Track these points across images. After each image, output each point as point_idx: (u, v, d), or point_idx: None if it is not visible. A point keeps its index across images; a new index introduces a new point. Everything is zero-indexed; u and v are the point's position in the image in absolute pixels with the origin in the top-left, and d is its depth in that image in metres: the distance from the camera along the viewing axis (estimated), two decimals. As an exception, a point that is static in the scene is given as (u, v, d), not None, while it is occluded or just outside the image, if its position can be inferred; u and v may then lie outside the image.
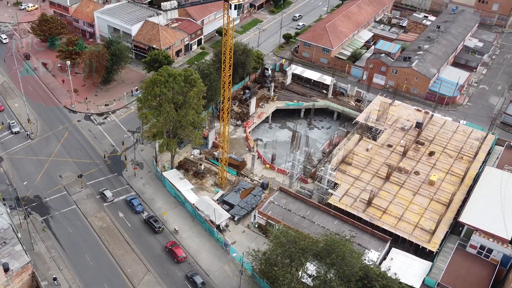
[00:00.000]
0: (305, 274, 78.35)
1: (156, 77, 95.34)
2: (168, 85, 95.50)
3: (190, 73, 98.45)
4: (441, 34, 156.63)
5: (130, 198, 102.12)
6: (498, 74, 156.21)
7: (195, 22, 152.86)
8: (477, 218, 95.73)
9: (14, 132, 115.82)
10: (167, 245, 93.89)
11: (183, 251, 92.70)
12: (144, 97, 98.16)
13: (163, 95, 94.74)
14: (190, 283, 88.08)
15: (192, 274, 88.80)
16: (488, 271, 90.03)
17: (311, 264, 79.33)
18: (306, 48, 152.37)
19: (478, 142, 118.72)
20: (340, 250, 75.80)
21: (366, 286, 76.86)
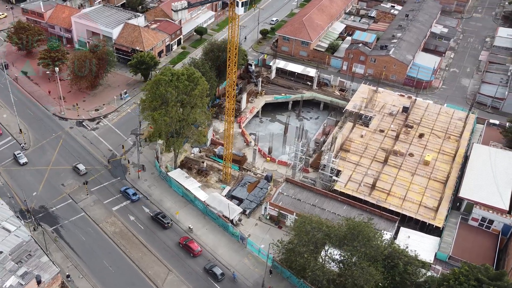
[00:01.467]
0: (329, 260, 79.66)
1: (160, 77, 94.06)
2: (172, 84, 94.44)
3: (193, 71, 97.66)
4: (411, 22, 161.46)
5: (124, 188, 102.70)
6: (465, 57, 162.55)
7: (174, 22, 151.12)
8: (475, 192, 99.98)
9: (22, 164, 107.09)
10: (181, 241, 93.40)
11: (198, 245, 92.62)
12: (148, 98, 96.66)
13: (168, 95, 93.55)
14: (210, 275, 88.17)
15: (210, 266, 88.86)
16: (492, 241, 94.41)
17: (333, 249, 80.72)
18: (285, 42, 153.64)
19: (461, 122, 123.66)
20: (365, 232, 77.61)
21: (389, 265, 79.05)
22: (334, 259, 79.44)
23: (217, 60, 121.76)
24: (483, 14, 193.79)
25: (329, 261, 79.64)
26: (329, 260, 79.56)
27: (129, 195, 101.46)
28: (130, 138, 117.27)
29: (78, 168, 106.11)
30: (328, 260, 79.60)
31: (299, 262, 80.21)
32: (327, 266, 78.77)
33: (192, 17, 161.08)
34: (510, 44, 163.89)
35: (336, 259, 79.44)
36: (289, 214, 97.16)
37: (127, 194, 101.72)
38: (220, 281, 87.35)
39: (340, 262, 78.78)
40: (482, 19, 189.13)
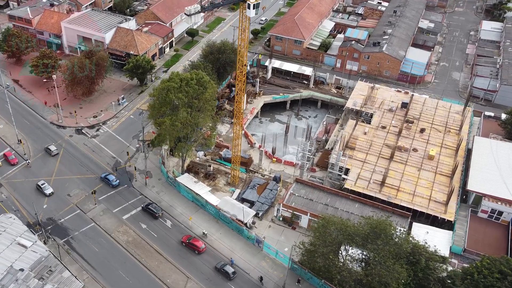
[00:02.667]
0: (351, 260, 79.03)
1: (169, 84, 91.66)
2: (181, 90, 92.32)
3: (202, 75, 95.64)
4: (399, 18, 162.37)
5: (105, 174, 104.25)
6: (453, 51, 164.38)
7: (165, 24, 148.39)
8: (482, 185, 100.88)
9: (48, 194, 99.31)
10: (184, 240, 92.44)
11: (202, 242, 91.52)
12: (158, 104, 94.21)
13: (179, 101, 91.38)
14: (222, 274, 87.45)
15: (222, 265, 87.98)
16: (502, 231, 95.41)
17: (354, 248, 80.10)
18: (278, 41, 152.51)
19: (459, 115, 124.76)
20: (387, 230, 77.27)
21: (411, 261, 78.82)
22: (358, 258, 78.84)
23: (217, 62, 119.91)
24: (464, 8, 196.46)
25: (351, 261, 79.06)
26: (352, 260, 78.96)
27: (109, 181, 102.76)
28: (133, 144, 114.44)
29: (49, 149, 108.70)
30: (350, 260, 78.98)
31: (323, 263, 79.40)
32: (350, 266, 78.19)
33: (182, 19, 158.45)
34: (495, 37, 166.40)
35: (360, 258, 78.89)
36: (302, 215, 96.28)
37: (107, 180, 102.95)
38: (233, 280, 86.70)
39: (364, 262, 78.15)
40: (464, 13, 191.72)
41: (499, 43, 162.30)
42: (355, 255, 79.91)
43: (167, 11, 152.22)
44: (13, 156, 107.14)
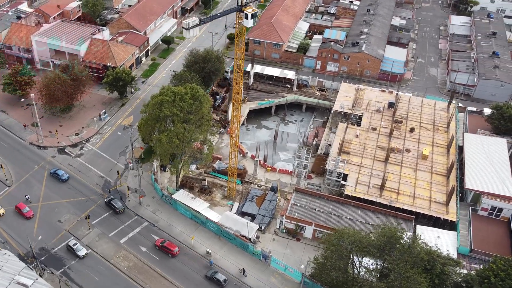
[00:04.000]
0: (364, 270, 76.27)
1: (163, 98, 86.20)
2: (176, 104, 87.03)
3: (196, 89, 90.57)
4: (373, 16, 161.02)
5: (54, 170, 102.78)
6: (426, 47, 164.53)
7: (140, 33, 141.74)
8: (480, 182, 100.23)
9: (82, 256, 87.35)
10: (157, 243, 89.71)
11: (175, 245, 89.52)
12: (151, 121, 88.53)
13: (174, 116, 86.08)
14: (213, 282, 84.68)
15: (212, 273, 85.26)
16: (504, 228, 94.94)
17: (368, 259, 77.39)
18: (257, 45, 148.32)
19: (444, 112, 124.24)
20: (403, 239, 74.79)
21: (426, 268, 76.68)
22: (373, 269, 76.00)
23: (202, 71, 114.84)
24: (431, 3, 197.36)
25: (366, 272, 76.27)
26: (366, 271, 76.15)
27: (59, 176, 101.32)
28: (120, 162, 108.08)
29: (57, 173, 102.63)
30: (365, 272, 76.17)
31: (338, 277, 76.28)
32: (367, 278, 75.43)
33: (156, 26, 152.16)
34: (465, 31, 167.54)
35: (374, 269, 76.08)
36: (307, 226, 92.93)
37: (56, 175, 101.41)
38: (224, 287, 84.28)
39: (379, 272, 75.47)
40: (431, 8, 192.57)
41: (470, 37, 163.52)
42: (368, 266, 77.27)
43: (140, 19, 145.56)
44: (27, 208, 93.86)
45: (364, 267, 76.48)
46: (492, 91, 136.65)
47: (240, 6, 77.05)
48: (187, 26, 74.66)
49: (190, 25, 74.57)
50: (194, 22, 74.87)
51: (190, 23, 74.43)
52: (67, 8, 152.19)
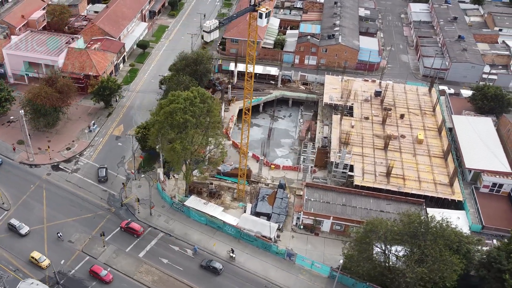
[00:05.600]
0: (399, 259, 76.15)
1: (175, 106, 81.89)
2: (187, 110, 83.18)
3: (203, 92, 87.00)
4: (342, 8, 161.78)
5: None
6: (393, 35, 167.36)
7: (115, 39, 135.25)
8: (478, 161, 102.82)
9: None
10: (122, 225, 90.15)
11: (140, 225, 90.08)
12: (163, 129, 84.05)
13: (188, 123, 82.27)
14: (209, 270, 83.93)
15: (207, 262, 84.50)
16: (507, 202, 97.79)
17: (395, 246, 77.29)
18: (234, 44, 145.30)
19: (427, 97, 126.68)
20: (434, 225, 75.08)
21: (453, 249, 77.22)
22: (410, 256, 74.93)
23: (194, 73, 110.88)
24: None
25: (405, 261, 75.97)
26: (406, 259, 75.34)
27: None
28: (120, 173, 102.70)
29: None
30: (404, 260, 75.55)
31: (375, 267, 75.84)
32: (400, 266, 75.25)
33: (129, 31, 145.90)
34: (426, 17, 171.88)
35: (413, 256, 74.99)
36: (324, 220, 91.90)
37: None
38: (221, 274, 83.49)
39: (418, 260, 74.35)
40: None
41: (432, 23, 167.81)
42: (397, 253, 77.21)
43: (113, 25, 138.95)
44: (105, 272, 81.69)
45: (401, 255, 76.06)
46: (463, 73, 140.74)
47: (253, 5, 74.38)
48: (208, 29, 71.23)
49: (211, 28, 71.23)
50: (214, 24, 71.52)
51: (211, 26, 71.08)
52: (32, 18, 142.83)
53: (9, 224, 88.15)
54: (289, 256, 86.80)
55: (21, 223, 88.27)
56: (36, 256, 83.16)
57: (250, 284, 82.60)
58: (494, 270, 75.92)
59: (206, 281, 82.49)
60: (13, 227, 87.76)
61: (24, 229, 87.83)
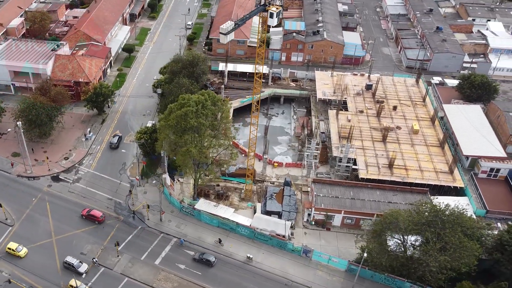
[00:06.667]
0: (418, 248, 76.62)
1: (188, 109, 79.74)
2: (199, 113, 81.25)
3: (213, 94, 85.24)
4: (322, 5, 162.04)
5: None
6: (371, 28, 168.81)
7: (100, 44, 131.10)
8: (474, 148, 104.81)
9: None
10: (83, 213, 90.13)
11: (100, 211, 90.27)
12: (177, 133, 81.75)
13: (201, 126, 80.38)
14: (203, 263, 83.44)
15: (200, 255, 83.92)
16: (505, 186, 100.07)
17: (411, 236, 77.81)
18: (220, 44, 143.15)
19: (415, 88, 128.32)
20: (455, 216, 75.73)
21: (467, 235, 78.24)
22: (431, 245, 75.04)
23: (192, 75, 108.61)
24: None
25: (415, 249, 76.71)
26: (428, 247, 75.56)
27: None
28: (124, 180, 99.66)
29: None
30: (424, 250, 75.89)
31: (395, 258, 76.25)
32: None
33: (112, 35, 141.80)
34: (401, 10, 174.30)
35: (434, 244, 75.12)
36: (335, 214, 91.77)
37: None
38: (214, 266, 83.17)
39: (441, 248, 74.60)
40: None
41: (408, 16, 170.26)
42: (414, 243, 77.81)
43: (98, 30, 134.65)
44: None
45: (417, 245, 76.50)
46: (445, 63, 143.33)
47: (263, 5, 73.13)
48: (225, 32, 69.50)
49: (229, 29, 69.54)
50: (230, 26, 69.86)
51: (228, 28, 69.39)
52: (11, 26, 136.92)
53: (65, 262, 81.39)
54: (306, 253, 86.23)
55: (78, 261, 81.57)
56: (12, 247, 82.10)
57: (270, 284, 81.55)
58: (508, 253, 77.53)
59: (225, 284, 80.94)
60: (70, 265, 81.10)
61: (83, 267, 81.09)
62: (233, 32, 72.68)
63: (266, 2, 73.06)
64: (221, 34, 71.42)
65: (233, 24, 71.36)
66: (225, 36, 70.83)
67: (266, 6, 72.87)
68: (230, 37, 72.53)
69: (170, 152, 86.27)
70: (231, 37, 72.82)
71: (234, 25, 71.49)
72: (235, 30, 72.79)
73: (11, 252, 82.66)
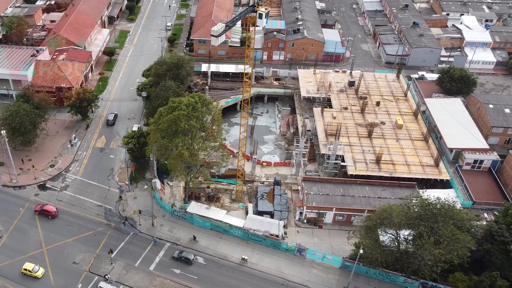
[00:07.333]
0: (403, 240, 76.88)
1: (179, 113, 77.91)
2: (190, 116, 79.54)
3: (203, 97, 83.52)
4: (300, 3, 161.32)
5: None
6: (349, 25, 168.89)
7: (80, 48, 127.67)
8: (458, 141, 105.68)
9: None
10: (36, 209, 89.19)
11: (53, 206, 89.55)
12: (167, 137, 79.80)
13: (192, 128, 78.71)
14: (182, 261, 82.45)
15: (178, 253, 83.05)
16: (488, 177, 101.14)
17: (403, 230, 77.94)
18: (202, 45, 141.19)
19: (397, 83, 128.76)
20: (446, 209, 75.95)
21: (457, 226, 78.53)
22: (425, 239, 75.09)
23: (177, 78, 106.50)
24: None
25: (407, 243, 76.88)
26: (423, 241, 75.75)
27: None
28: (112, 186, 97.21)
29: None
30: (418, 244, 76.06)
31: (390, 253, 76.20)
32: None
33: (92, 39, 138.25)
34: (378, 6, 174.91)
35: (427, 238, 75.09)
36: (327, 212, 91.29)
37: None
38: (193, 264, 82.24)
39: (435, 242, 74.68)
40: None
41: (384, 12, 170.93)
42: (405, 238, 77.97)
43: (77, 34, 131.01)
44: None
45: (410, 239, 76.56)
46: (423, 58, 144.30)
47: (252, 6, 71.78)
48: (216, 34, 67.90)
49: (220, 31, 67.94)
50: (221, 28, 68.29)
51: (219, 30, 67.80)
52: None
53: None
54: (300, 252, 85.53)
55: None
56: (29, 267, 78.45)
57: (266, 285, 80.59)
58: (498, 243, 78.17)
59: (221, 287, 79.63)
60: None
61: None
62: (224, 35, 71.13)
63: (254, 3, 71.60)
64: (213, 36, 69.80)
65: (224, 26, 69.84)
66: (217, 38, 69.27)
67: (255, 6, 71.39)
68: (222, 39, 71.05)
69: (160, 156, 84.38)
70: (222, 39, 71.34)
71: (225, 27, 69.96)
72: (226, 32, 71.22)
73: (28, 273, 78.52)
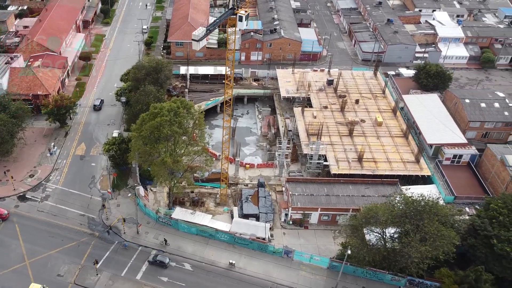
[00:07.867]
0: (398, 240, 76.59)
1: (162, 119, 75.86)
2: (172, 121, 77.57)
3: (185, 102, 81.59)
4: (275, 2, 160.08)
5: None
6: (325, 23, 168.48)
7: (56, 54, 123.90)
8: (437, 136, 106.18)
9: None
10: None
11: (4, 209, 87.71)
12: (151, 144, 77.67)
13: (175, 134, 76.81)
14: (157, 265, 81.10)
15: (153, 257, 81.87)
16: (468, 171, 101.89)
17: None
18: (179, 47, 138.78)
19: (374, 80, 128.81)
20: (430, 206, 75.90)
21: (441, 222, 78.77)
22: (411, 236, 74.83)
23: (156, 82, 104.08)
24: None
25: (393, 241, 76.72)
26: (393, 240, 76.41)
27: None
28: (95, 194, 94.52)
29: None
30: (393, 240, 76.41)
31: (377, 252, 75.88)
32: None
33: (67, 44, 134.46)
34: (352, 4, 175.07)
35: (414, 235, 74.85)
36: (312, 212, 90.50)
37: None
38: (168, 268, 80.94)
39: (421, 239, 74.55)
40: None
41: (358, 10, 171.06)
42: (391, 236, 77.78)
43: (52, 39, 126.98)
44: None
45: (396, 237, 76.33)
46: (398, 54, 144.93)
47: (232, 8, 70.19)
48: (198, 38, 66.09)
49: (201, 36, 66.15)
50: (202, 32, 66.49)
51: (200, 34, 66.02)
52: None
53: None
54: (287, 254, 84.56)
55: None
56: None
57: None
58: (481, 237, 78.52)
59: (211, 292, 78.35)
60: None
61: None
62: (205, 39, 69.40)
63: (234, 6, 70.01)
64: (194, 40, 68.03)
65: (205, 30, 68.10)
66: (198, 42, 67.52)
67: (234, 9, 69.81)
68: (203, 43, 69.31)
69: (143, 163, 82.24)
70: (204, 43, 69.60)
71: (206, 30, 68.22)
72: (207, 35, 69.50)
73: None
